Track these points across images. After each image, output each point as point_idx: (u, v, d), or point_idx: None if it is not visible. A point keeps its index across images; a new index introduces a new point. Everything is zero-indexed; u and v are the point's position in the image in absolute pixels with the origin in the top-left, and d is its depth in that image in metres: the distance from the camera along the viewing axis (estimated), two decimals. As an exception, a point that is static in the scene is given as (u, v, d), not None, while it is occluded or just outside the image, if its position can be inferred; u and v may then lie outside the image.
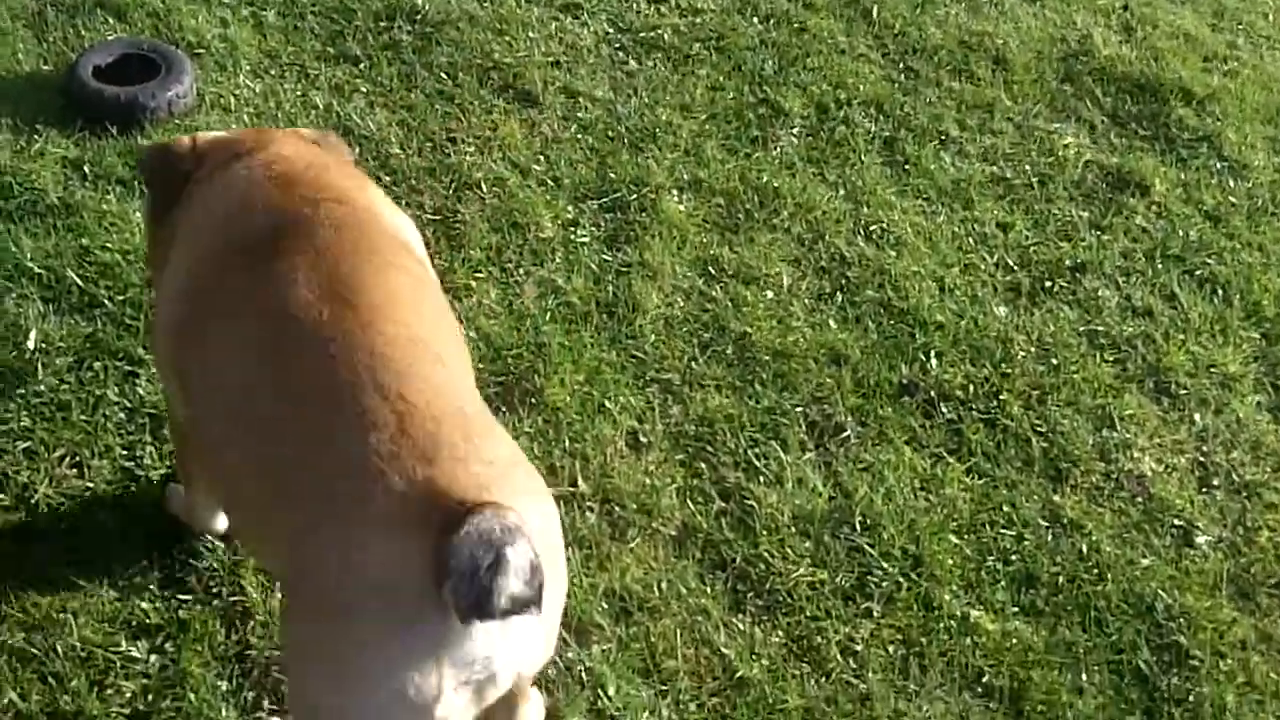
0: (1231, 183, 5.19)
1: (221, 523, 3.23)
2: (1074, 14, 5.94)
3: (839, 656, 3.35)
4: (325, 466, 2.33)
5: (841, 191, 4.77)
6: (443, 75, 4.80)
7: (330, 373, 2.40)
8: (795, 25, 5.47)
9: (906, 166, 4.96)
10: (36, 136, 4.22)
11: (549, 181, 4.51)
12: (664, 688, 3.21)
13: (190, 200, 2.84)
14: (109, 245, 3.88)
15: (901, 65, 5.43)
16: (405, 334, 2.50)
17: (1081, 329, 4.45)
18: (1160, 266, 4.75)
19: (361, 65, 4.77)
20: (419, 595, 2.18)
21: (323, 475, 2.32)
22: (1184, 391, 4.28)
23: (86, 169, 4.14)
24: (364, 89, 4.67)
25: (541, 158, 4.59)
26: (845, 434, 3.91)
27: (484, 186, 4.40)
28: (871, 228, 4.64)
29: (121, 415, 3.49)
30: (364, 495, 2.25)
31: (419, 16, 5.01)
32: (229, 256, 2.65)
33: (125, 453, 3.40)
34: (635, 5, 5.36)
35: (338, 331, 2.45)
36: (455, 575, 2.12)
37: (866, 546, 3.60)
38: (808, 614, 3.43)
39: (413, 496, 2.22)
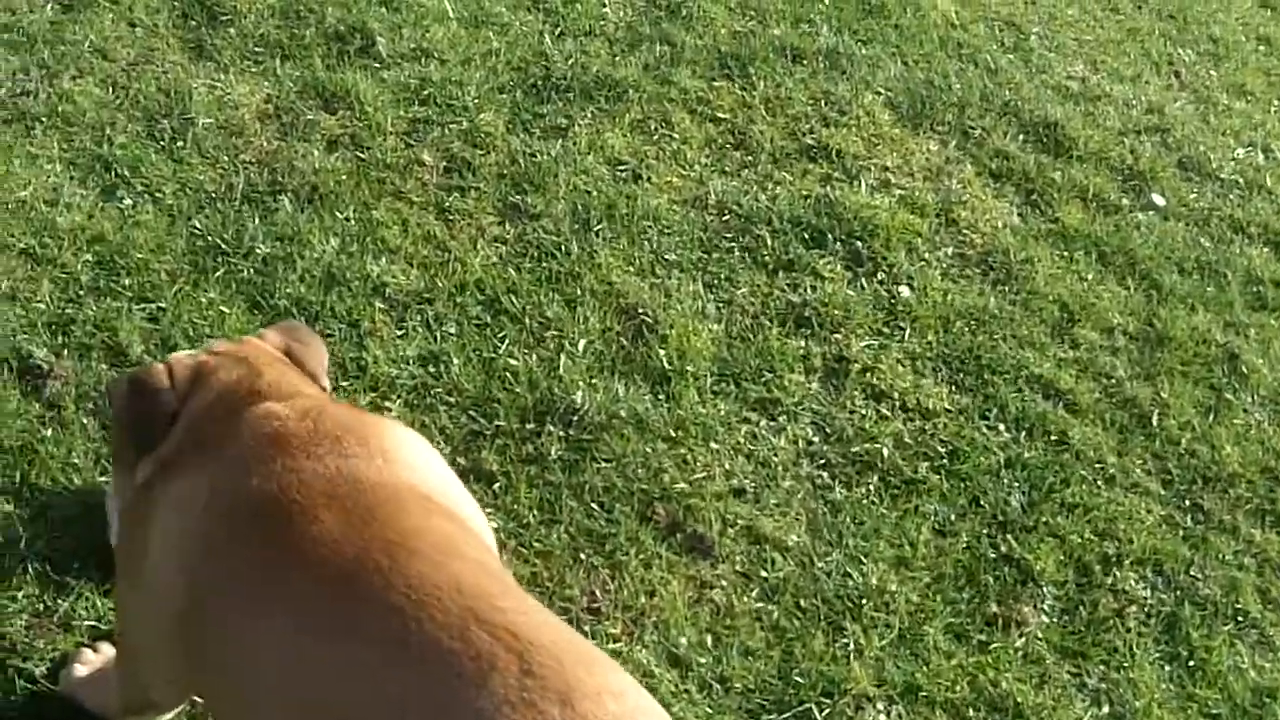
0: None
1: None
2: None
3: None
4: None
5: (1104, 709, 3.58)
6: (595, 506, 3.76)
7: (412, 620, 2.06)
8: (1052, 436, 4.30)
9: (1190, 663, 3.75)
10: None
11: (712, 683, 3.42)
12: None
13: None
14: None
15: (1187, 501, 4.22)
16: (474, 563, 2.23)
17: None
18: None
19: (496, 485, 3.76)
20: None
21: None
22: None
23: None
24: (495, 523, 3.67)
25: (708, 640, 3.52)
26: None
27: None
28: (1144, 778, 3.44)
29: None
30: None
31: (575, 417, 3.97)
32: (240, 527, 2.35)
33: None
34: (849, 401, 4.26)
35: (402, 572, 2.14)
36: None
37: None
38: None
39: None
